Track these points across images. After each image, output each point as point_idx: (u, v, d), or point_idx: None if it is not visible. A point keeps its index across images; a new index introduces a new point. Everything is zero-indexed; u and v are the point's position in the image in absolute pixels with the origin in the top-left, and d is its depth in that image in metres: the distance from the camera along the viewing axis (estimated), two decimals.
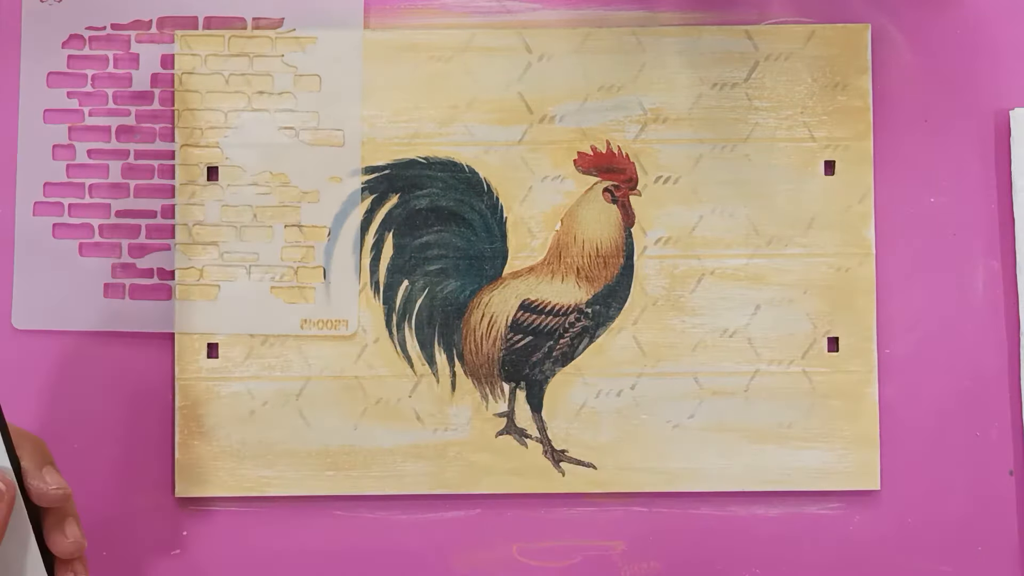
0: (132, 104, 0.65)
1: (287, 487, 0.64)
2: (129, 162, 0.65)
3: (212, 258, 0.64)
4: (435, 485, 0.64)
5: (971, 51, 0.66)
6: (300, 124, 0.64)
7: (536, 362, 0.64)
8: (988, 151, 0.66)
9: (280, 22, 0.64)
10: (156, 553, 0.64)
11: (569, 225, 0.65)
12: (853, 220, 0.65)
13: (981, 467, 0.65)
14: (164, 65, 0.65)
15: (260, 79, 0.64)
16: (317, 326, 0.64)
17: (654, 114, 0.65)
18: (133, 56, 0.65)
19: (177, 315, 0.64)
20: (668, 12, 0.65)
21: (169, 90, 0.64)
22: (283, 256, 0.64)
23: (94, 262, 0.64)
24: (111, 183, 0.65)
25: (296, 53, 0.64)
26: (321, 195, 0.64)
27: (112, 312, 0.64)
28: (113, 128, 0.65)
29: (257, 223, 0.64)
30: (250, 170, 0.64)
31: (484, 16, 0.65)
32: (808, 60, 0.65)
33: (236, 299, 0.64)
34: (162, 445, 0.64)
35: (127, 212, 0.65)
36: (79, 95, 0.65)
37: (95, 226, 0.65)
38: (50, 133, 0.64)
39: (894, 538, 0.65)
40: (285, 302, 0.64)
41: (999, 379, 0.65)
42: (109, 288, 0.64)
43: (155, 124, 0.65)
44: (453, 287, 0.65)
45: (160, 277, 0.64)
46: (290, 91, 0.64)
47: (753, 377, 0.65)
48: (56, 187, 0.64)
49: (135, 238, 0.64)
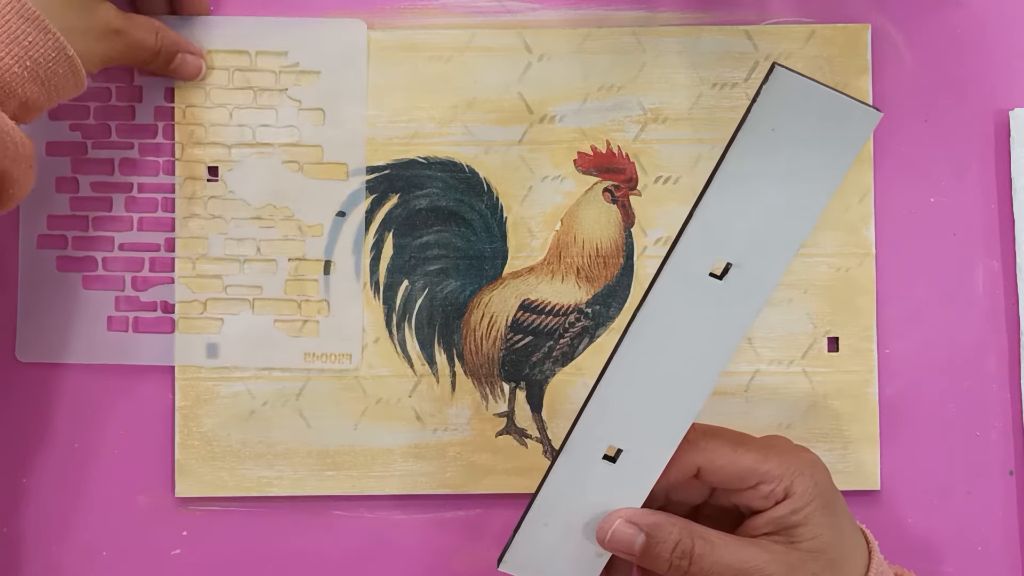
0: (135, 137, 0.64)
1: (287, 487, 0.64)
2: (132, 195, 0.64)
3: (215, 291, 0.64)
4: (435, 485, 0.64)
5: (971, 51, 0.66)
6: (304, 158, 0.64)
7: (536, 362, 0.64)
8: (988, 151, 0.66)
9: (284, 55, 0.64)
10: (156, 553, 0.64)
11: (569, 225, 0.65)
12: (853, 220, 0.65)
13: (981, 467, 0.65)
14: (167, 98, 0.64)
15: (264, 113, 0.64)
16: (321, 359, 0.64)
17: (654, 114, 0.65)
18: (136, 89, 0.65)
19: (180, 348, 0.64)
20: (668, 12, 0.65)
21: (172, 123, 0.64)
22: (286, 290, 0.64)
23: (97, 295, 0.64)
24: (114, 216, 0.64)
25: (300, 87, 0.64)
26: (325, 228, 0.64)
27: (116, 345, 0.64)
28: (116, 161, 0.64)
29: (260, 256, 0.64)
30: (253, 203, 0.64)
31: (484, 16, 0.65)
32: (808, 60, 0.65)
33: (239, 333, 0.64)
34: (162, 445, 0.64)
35: (130, 245, 0.64)
36: (82, 128, 0.64)
37: (98, 259, 0.64)
38: (53, 166, 0.64)
39: (894, 538, 0.65)
40: (288, 335, 0.64)
41: (999, 379, 0.65)
42: (113, 321, 0.64)
43: (159, 157, 0.65)
44: (453, 287, 0.65)
45: (164, 310, 0.64)
46: (294, 124, 0.64)
47: (753, 377, 0.65)
48: (59, 220, 0.64)
49: (138, 271, 0.64)
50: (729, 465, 0.51)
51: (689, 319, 0.49)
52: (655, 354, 0.49)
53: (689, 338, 0.49)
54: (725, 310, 0.48)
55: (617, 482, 0.50)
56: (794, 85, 0.47)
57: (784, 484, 0.50)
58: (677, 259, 0.48)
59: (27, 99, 0.53)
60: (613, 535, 0.50)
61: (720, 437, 0.51)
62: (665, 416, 0.50)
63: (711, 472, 0.51)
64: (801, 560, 0.50)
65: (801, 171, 0.47)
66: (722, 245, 0.48)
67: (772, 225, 0.48)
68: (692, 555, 0.50)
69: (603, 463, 0.50)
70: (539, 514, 0.51)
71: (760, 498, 0.51)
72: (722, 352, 0.49)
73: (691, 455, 0.51)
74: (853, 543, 0.52)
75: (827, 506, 0.51)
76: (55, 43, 0.53)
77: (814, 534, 0.50)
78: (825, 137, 0.47)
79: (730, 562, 0.50)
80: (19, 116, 0.53)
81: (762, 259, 0.48)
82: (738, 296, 0.48)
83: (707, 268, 0.48)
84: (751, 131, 0.47)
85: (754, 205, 0.48)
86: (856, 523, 0.54)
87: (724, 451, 0.51)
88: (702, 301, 0.48)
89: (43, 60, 0.53)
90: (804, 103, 0.47)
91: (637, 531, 0.50)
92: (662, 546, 0.50)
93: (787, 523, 0.50)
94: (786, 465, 0.51)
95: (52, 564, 0.64)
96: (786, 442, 0.53)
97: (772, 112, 0.47)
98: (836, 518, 0.51)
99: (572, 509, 0.51)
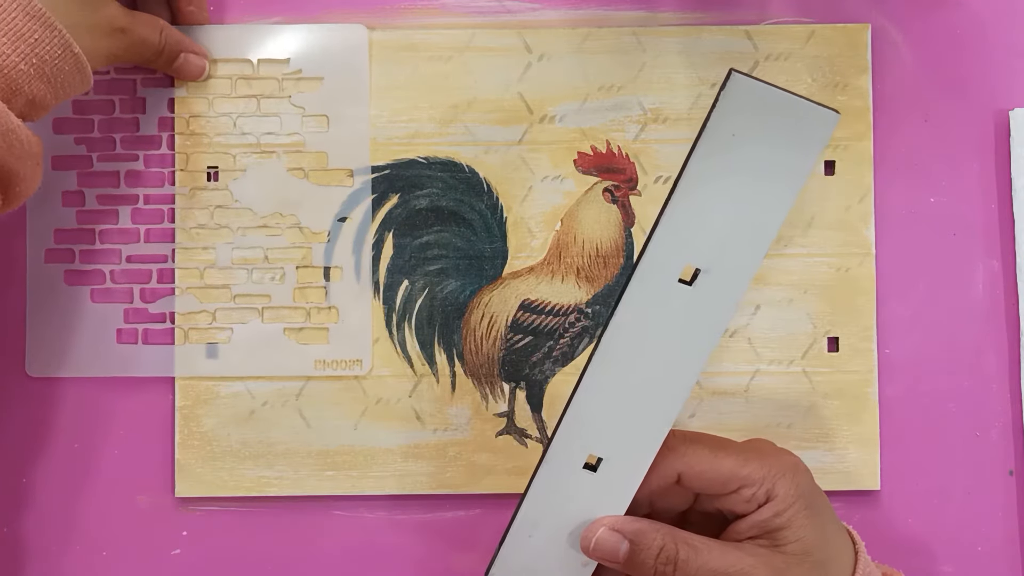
0: (140, 149, 0.64)
1: (287, 487, 0.64)
2: (138, 207, 0.64)
3: (224, 301, 0.64)
4: (435, 485, 0.64)
5: (971, 51, 0.66)
6: (309, 164, 0.64)
7: (536, 362, 0.64)
8: (988, 151, 0.66)
9: (286, 62, 0.64)
10: (156, 553, 0.64)
11: (569, 225, 0.65)
12: (853, 220, 0.65)
13: (981, 467, 0.65)
14: (170, 109, 0.64)
15: (268, 120, 0.64)
16: (331, 367, 0.64)
17: (654, 114, 0.65)
18: (139, 100, 0.64)
19: (190, 359, 0.64)
20: (668, 12, 0.65)
21: (175, 134, 0.64)
22: (295, 297, 0.64)
23: (106, 308, 0.64)
24: (121, 228, 0.64)
25: (303, 94, 0.64)
26: (330, 235, 0.64)
27: (126, 358, 0.64)
28: (122, 173, 0.64)
29: (268, 265, 0.64)
30: (260, 211, 0.64)
31: (484, 16, 0.65)
32: (808, 60, 0.65)
33: (249, 341, 0.64)
34: (162, 445, 0.64)
35: (137, 257, 0.64)
36: (87, 141, 0.64)
37: (106, 272, 0.64)
38: (59, 180, 0.64)
39: (894, 538, 0.65)
40: (299, 343, 0.64)
41: (999, 379, 0.65)
42: (122, 333, 0.64)
43: (164, 168, 0.65)
44: (453, 287, 0.65)
45: (172, 321, 0.64)
46: (298, 131, 0.64)
47: (753, 377, 0.65)
48: (66, 234, 0.64)
49: (146, 283, 0.64)
50: (709, 470, 0.51)
51: (661, 326, 0.49)
52: (629, 362, 0.49)
53: (662, 345, 0.49)
54: (696, 316, 0.48)
55: (599, 491, 0.50)
56: (752, 90, 0.47)
57: (765, 487, 0.50)
58: (646, 267, 0.48)
59: (34, 96, 0.53)
60: (597, 543, 0.50)
61: (700, 442, 0.51)
62: (643, 423, 0.50)
63: (692, 477, 0.51)
64: (786, 563, 0.50)
65: (763, 175, 0.48)
66: (690, 251, 0.48)
67: (738, 230, 0.48)
68: (676, 561, 0.50)
69: (584, 472, 0.50)
70: (523, 525, 0.51)
71: (742, 502, 0.51)
72: (696, 358, 0.49)
73: (671, 461, 0.51)
74: (838, 544, 0.52)
75: (810, 508, 0.51)
76: (61, 40, 0.53)
77: (798, 536, 0.50)
78: (785, 140, 0.47)
79: (715, 567, 0.49)
80: (26, 114, 0.53)
81: (730, 263, 0.48)
82: (709, 301, 0.48)
83: (676, 275, 0.48)
84: (711, 137, 0.47)
85: (719, 210, 0.48)
86: (841, 524, 0.53)
87: (704, 456, 0.51)
88: (673, 307, 0.48)
89: (49, 57, 0.53)
90: (762, 107, 0.47)
91: (621, 538, 0.50)
92: (646, 553, 0.50)
93: (770, 526, 0.50)
94: (767, 468, 0.50)
95: (52, 564, 0.64)
96: (769, 445, 0.53)
97: (731, 118, 0.47)
98: (820, 520, 0.51)
99: (556, 519, 0.51)
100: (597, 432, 0.50)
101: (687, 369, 0.49)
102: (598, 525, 0.50)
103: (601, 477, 0.50)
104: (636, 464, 0.50)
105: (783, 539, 0.50)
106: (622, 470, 0.50)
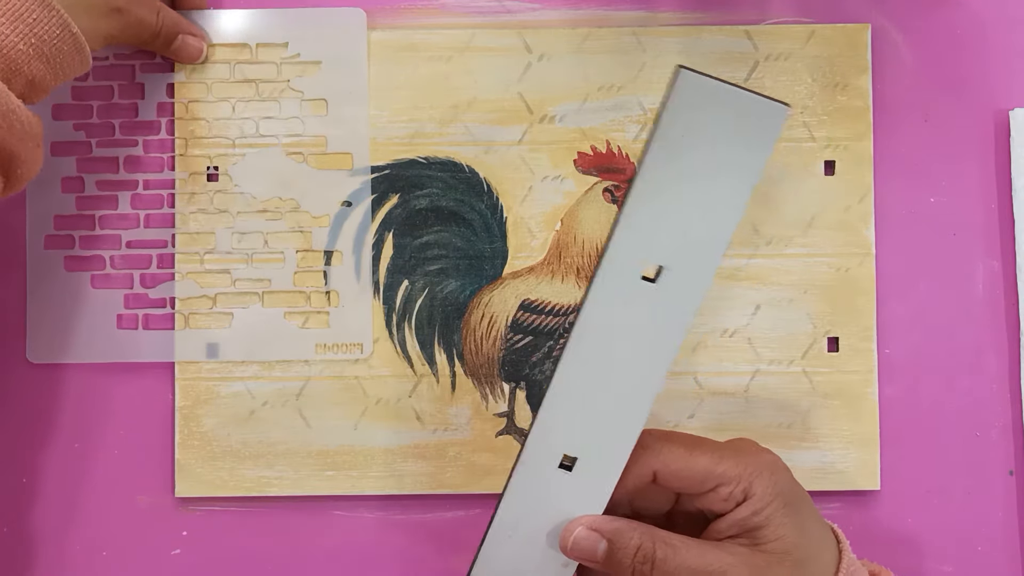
0: (139, 134, 0.64)
1: (287, 487, 0.64)
2: (138, 192, 0.64)
3: (224, 286, 0.64)
4: (435, 485, 0.64)
5: (971, 51, 0.66)
6: (308, 149, 0.64)
7: (536, 362, 0.64)
8: (988, 151, 0.66)
9: (284, 47, 0.64)
10: (156, 553, 0.64)
11: (569, 225, 0.65)
12: (853, 220, 0.65)
13: (981, 467, 0.65)
14: (169, 94, 0.64)
15: (267, 105, 0.64)
16: (332, 350, 0.64)
17: (654, 114, 0.65)
18: (138, 86, 0.65)
19: (191, 344, 0.64)
20: (668, 12, 0.65)
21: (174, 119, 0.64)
22: (295, 282, 0.64)
23: (106, 294, 0.64)
24: (120, 214, 0.64)
25: (302, 78, 0.64)
26: (331, 219, 0.64)
27: (126, 343, 0.64)
28: (121, 159, 0.64)
29: (268, 249, 0.64)
30: (260, 196, 0.64)
31: (484, 16, 0.65)
32: (808, 60, 0.65)
33: (250, 326, 0.64)
34: (162, 445, 0.64)
35: (137, 243, 0.64)
36: (85, 127, 0.64)
37: (106, 258, 0.64)
38: (59, 166, 0.64)
39: (894, 538, 0.65)
40: (299, 327, 0.64)
41: (999, 379, 0.65)
42: (123, 319, 0.64)
43: (163, 154, 0.65)
44: (453, 287, 0.65)
45: (172, 307, 0.64)
46: (297, 116, 0.64)
47: (753, 377, 0.65)
48: (66, 220, 0.64)
49: (146, 268, 0.64)
50: (684, 469, 0.50)
51: (627, 324, 0.49)
52: (598, 361, 0.49)
53: (629, 343, 0.49)
54: (662, 313, 0.48)
55: (576, 490, 0.50)
56: (700, 86, 0.47)
57: (742, 486, 0.50)
58: (608, 266, 0.48)
59: (33, 77, 0.53)
60: (575, 543, 0.50)
61: (674, 441, 0.51)
62: (615, 421, 0.50)
63: (667, 476, 0.51)
64: (767, 562, 0.50)
65: (718, 170, 0.48)
66: (651, 249, 0.48)
67: (697, 225, 0.48)
68: (654, 560, 0.49)
69: (560, 472, 0.50)
70: (502, 527, 0.51)
71: (720, 501, 0.50)
72: (664, 355, 0.49)
73: (646, 459, 0.51)
74: (821, 543, 0.52)
75: (789, 506, 0.50)
76: (59, 20, 0.53)
77: (778, 535, 0.50)
78: (737, 134, 0.47)
79: (693, 565, 0.49)
80: (26, 95, 0.53)
81: (692, 259, 0.48)
82: (673, 298, 0.48)
83: (639, 273, 0.48)
84: (663, 135, 0.47)
85: (677, 207, 0.48)
86: (825, 522, 0.53)
87: (679, 454, 0.51)
88: (638, 305, 0.48)
89: (48, 37, 0.53)
90: (712, 103, 0.47)
91: (599, 538, 0.50)
92: (624, 552, 0.50)
93: (749, 525, 0.50)
94: (743, 466, 0.50)
95: (53, 564, 0.64)
96: (749, 444, 0.53)
97: (682, 114, 0.47)
98: (799, 518, 0.51)
99: (534, 520, 0.51)
100: (570, 431, 0.50)
101: (656, 366, 0.49)
102: (576, 524, 0.50)
103: (577, 476, 0.50)
104: (611, 463, 0.50)
105: (762, 537, 0.50)
106: (597, 469, 0.50)
